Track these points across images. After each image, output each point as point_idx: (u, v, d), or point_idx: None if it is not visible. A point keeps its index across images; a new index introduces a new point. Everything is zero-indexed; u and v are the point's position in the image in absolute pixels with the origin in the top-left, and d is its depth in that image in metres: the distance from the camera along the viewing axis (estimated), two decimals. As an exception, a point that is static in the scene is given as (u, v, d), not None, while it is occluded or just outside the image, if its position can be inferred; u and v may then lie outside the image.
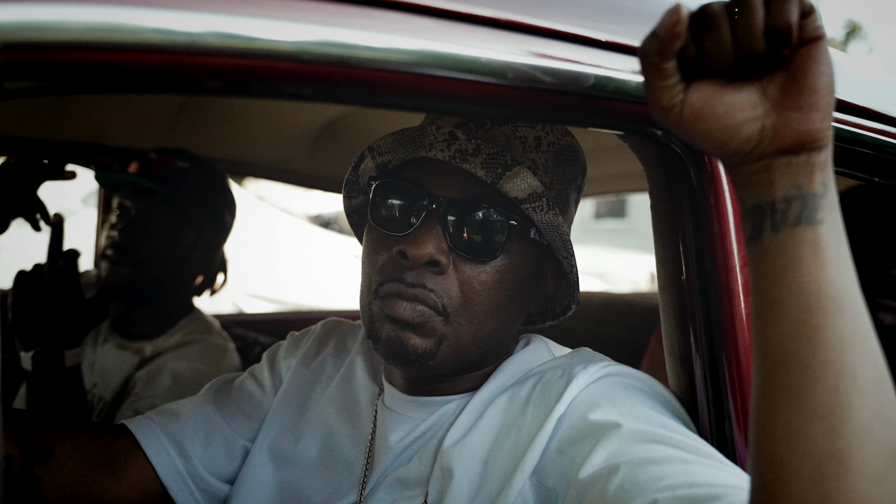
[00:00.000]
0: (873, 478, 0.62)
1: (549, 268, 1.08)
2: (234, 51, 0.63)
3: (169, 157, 1.90)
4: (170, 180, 1.87)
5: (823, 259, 0.67)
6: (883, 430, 0.64)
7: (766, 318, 0.69)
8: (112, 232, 1.85)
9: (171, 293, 1.94)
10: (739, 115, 0.70)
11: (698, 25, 0.69)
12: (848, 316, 0.66)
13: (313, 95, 0.71)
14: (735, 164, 0.72)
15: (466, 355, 1.01)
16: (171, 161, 1.89)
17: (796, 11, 0.66)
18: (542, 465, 0.92)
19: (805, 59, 0.68)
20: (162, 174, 1.87)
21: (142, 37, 0.59)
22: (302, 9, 0.67)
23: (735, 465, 0.83)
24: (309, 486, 1.11)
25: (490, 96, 0.79)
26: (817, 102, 0.68)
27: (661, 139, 0.91)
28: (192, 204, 1.91)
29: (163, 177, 1.87)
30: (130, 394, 1.79)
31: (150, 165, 1.88)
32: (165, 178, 1.87)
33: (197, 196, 1.93)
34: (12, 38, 0.54)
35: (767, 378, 0.68)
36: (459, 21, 0.75)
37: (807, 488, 0.63)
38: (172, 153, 1.92)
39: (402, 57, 0.72)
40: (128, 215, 1.86)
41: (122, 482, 1.12)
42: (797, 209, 0.68)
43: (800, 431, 0.64)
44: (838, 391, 0.64)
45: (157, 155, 1.90)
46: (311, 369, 1.22)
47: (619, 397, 0.93)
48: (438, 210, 0.98)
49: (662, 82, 0.70)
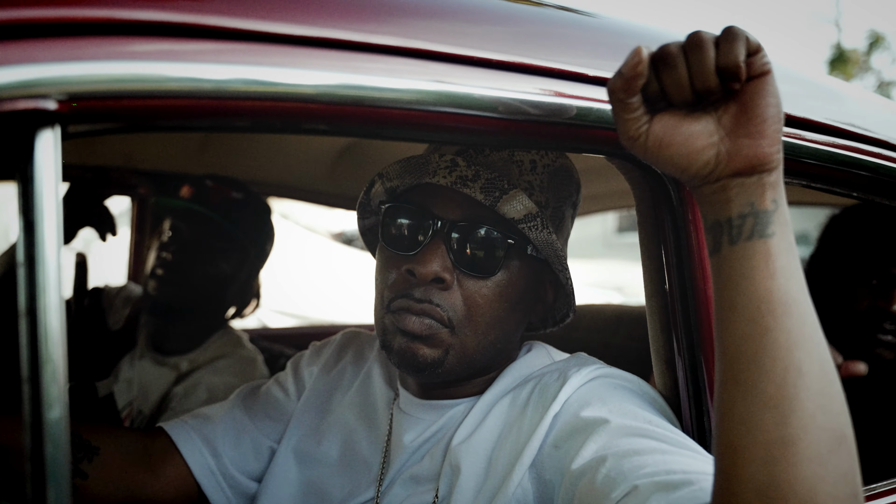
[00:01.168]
0: (817, 460, 0.71)
1: (548, 279, 1.17)
2: (259, 95, 0.73)
3: (224, 186, 2.03)
4: (223, 209, 1.99)
5: (774, 268, 0.76)
6: (826, 418, 0.72)
7: (723, 321, 0.78)
8: (164, 253, 1.96)
9: (209, 313, 2.06)
10: (697, 142, 0.79)
11: (658, 65, 0.79)
12: (795, 318, 0.75)
13: (328, 130, 0.81)
14: (696, 185, 0.82)
15: (472, 362, 1.10)
16: (226, 191, 2.02)
17: (743, 51, 0.75)
18: (539, 459, 1.01)
19: (753, 92, 0.77)
20: (216, 202, 1.99)
21: (178, 86, 0.70)
22: (319, 56, 0.78)
23: (711, 456, 0.92)
24: (330, 483, 1.20)
25: (484, 128, 0.89)
26: (766, 130, 0.77)
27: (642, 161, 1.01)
28: (240, 232, 2.04)
29: (217, 205, 1.99)
30: (168, 408, 1.90)
31: (206, 193, 2.00)
32: (219, 207, 1.99)
33: (246, 225, 2.05)
34: (75, 90, 0.65)
35: (725, 374, 0.77)
36: (455, 63, 0.86)
37: (758, 470, 0.72)
38: (227, 183, 2.05)
39: (405, 96, 0.82)
40: (181, 238, 1.97)
41: (160, 479, 1.22)
42: (751, 224, 0.77)
43: (752, 420, 0.73)
44: (786, 384, 0.73)
45: (212, 183, 2.02)
46: (332, 376, 1.32)
47: (609, 396, 1.02)
48: (442, 231, 1.07)
49: (628, 115, 0.80)
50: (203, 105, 0.72)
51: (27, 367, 0.63)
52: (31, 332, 0.63)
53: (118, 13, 0.68)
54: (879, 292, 1.71)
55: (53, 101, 0.64)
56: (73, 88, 0.65)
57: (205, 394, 1.89)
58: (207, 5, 0.73)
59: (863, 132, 1.27)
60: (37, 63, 0.63)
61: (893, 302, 1.69)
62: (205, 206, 1.97)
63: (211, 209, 1.97)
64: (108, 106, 0.67)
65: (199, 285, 1.98)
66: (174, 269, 1.94)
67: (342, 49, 0.79)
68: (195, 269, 1.96)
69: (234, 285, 2.07)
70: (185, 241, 1.97)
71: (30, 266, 0.64)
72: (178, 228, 1.98)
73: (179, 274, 1.95)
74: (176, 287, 1.95)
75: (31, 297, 0.63)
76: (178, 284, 1.95)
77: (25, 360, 0.63)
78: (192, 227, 1.98)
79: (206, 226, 1.98)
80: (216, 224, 1.98)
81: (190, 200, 1.98)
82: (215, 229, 1.99)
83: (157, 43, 0.70)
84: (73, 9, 0.66)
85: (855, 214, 1.72)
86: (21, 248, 0.64)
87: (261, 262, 2.15)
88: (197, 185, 2.01)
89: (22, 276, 0.64)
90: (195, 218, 1.98)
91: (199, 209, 1.97)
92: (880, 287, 1.72)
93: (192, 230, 1.97)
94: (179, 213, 2.00)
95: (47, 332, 0.63)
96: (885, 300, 1.70)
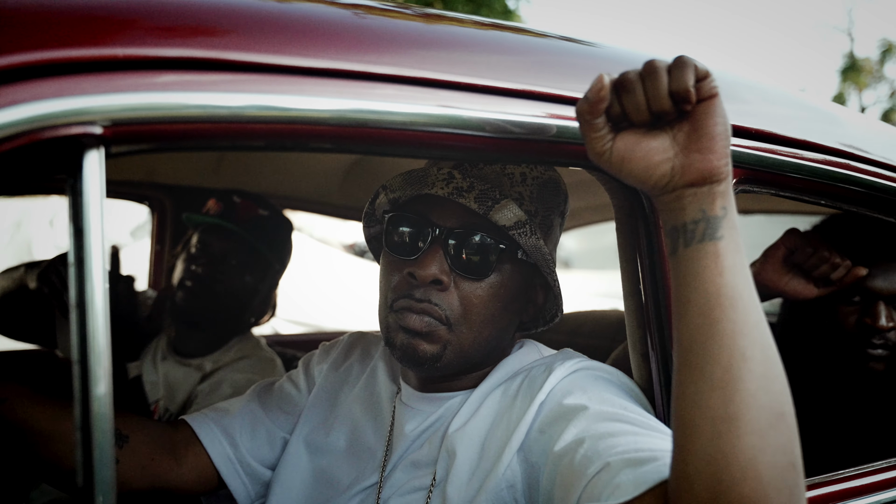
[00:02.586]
0: (758, 433, 0.81)
1: (539, 282, 1.28)
2: (271, 119, 0.85)
3: (252, 203, 2.15)
4: (251, 225, 2.12)
5: (722, 266, 0.86)
6: (767, 397, 0.82)
7: (678, 313, 0.88)
8: (194, 266, 2.08)
9: (231, 322, 2.19)
10: (655, 157, 0.90)
11: (619, 90, 0.89)
12: (740, 310, 0.85)
13: (332, 148, 0.93)
14: (655, 194, 0.92)
15: (468, 357, 1.20)
16: (253, 208, 2.14)
17: (692, 77, 0.86)
18: (526, 443, 1.11)
19: (703, 113, 0.87)
20: (245, 219, 2.11)
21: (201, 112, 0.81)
22: (322, 84, 0.89)
23: None
24: (338, 470, 1.31)
25: (474, 145, 1.00)
26: (714, 146, 0.87)
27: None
28: (265, 248, 2.16)
29: (245, 221, 2.12)
30: (194, 404, 2.02)
31: (235, 209, 2.12)
32: (247, 223, 2.12)
33: (270, 241, 2.19)
34: (117, 117, 0.77)
35: (679, 360, 0.87)
36: (446, 88, 0.97)
37: (707, 442, 0.82)
38: (254, 200, 2.17)
39: (402, 118, 0.93)
40: (210, 253, 2.10)
41: (183, 466, 1.32)
42: (702, 229, 0.88)
43: (701, 399, 0.83)
44: (731, 368, 0.83)
45: (240, 200, 2.14)
46: (340, 373, 1.43)
47: (589, 386, 1.12)
48: (440, 237, 1.18)
49: (594, 134, 0.91)
50: (222, 128, 0.83)
51: (77, 351, 0.74)
52: (81, 322, 0.74)
53: (150, 51, 0.80)
54: (863, 309, 1.76)
55: (99, 126, 0.75)
56: (115, 116, 0.76)
57: (229, 389, 2.01)
58: (225, 42, 0.85)
59: (855, 151, 1.38)
60: (85, 95, 0.75)
61: (878, 317, 1.73)
62: (234, 223, 2.09)
63: (240, 226, 2.10)
64: (143, 130, 0.79)
65: (225, 297, 2.11)
66: (203, 282, 2.07)
67: (343, 78, 0.90)
68: (223, 283, 2.09)
69: (256, 297, 2.20)
70: (214, 255, 2.09)
71: (79, 266, 0.75)
72: (208, 243, 2.10)
73: (208, 287, 2.07)
74: (204, 299, 2.08)
75: (80, 292, 0.75)
76: (206, 296, 2.08)
77: (76, 344, 0.74)
78: (221, 242, 2.10)
79: (235, 242, 2.11)
80: (244, 240, 2.11)
81: (220, 217, 2.10)
82: (243, 245, 2.11)
83: (183, 75, 0.81)
84: (114, 48, 0.78)
85: (829, 233, 1.77)
86: (71, 250, 0.75)
87: (281, 274, 2.28)
88: (226, 202, 2.13)
89: (72, 274, 0.75)
90: (224, 234, 2.10)
91: (229, 226, 2.09)
92: (863, 304, 1.77)
93: (220, 245, 2.10)
94: (209, 228, 2.12)
95: (94, 321, 0.74)
96: (871, 316, 1.74)
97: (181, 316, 2.10)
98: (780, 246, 1.63)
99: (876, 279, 1.74)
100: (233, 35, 0.86)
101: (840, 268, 1.58)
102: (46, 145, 0.73)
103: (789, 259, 1.62)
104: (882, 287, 1.75)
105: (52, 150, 0.74)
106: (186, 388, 2.08)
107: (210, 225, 2.12)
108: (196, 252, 2.11)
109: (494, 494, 1.10)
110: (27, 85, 0.72)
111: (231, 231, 2.10)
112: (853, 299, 1.78)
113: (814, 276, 1.61)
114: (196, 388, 2.07)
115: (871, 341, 1.75)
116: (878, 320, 1.73)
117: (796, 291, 1.63)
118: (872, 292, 1.76)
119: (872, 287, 1.75)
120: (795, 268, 1.62)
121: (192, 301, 2.08)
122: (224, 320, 2.15)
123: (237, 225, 2.10)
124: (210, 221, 2.12)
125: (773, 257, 1.63)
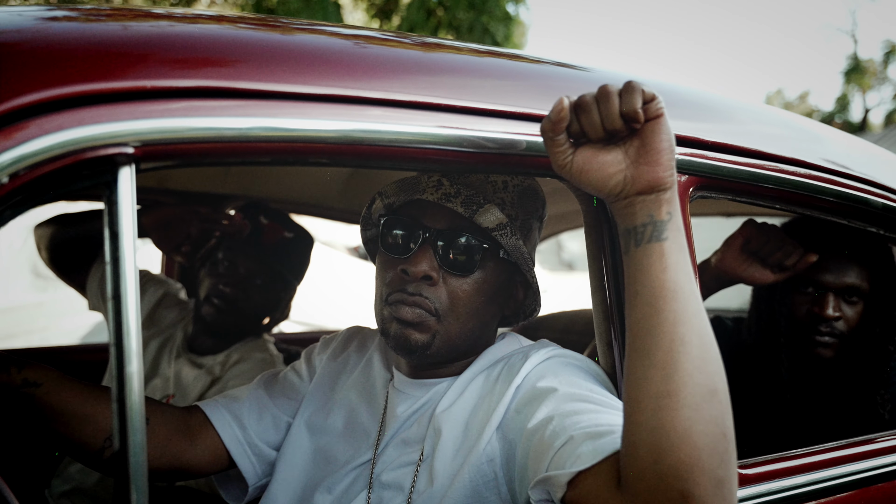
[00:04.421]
0: (694, 407, 0.93)
1: (519, 280, 1.41)
2: (274, 139, 0.99)
3: (278, 226, 2.28)
4: (276, 248, 2.26)
5: (666, 264, 0.99)
6: (702, 376, 0.95)
7: (629, 304, 1.02)
8: (222, 285, 2.23)
9: (248, 328, 2.35)
10: (609, 169, 1.03)
11: (577, 110, 1.03)
12: (680, 301, 0.98)
13: (329, 163, 1.06)
14: (611, 201, 1.06)
15: (454, 346, 1.33)
16: (279, 231, 2.28)
17: (640, 100, 0.99)
18: (504, 422, 1.24)
19: (650, 131, 1.01)
20: (272, 242, 2.26)
21: (214, 133, 0.95)
22: (319, 107, 1.03)
23: None
24: (336, 448, 1.43)
25: (454, 159, 1.13)
26: (661, 159, 1.01)
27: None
28: (288, 268, 2.32)
29: (273, 245, 2.26)
30: None
31: (262, 232, 2.26)
32: (274, 246, 2.26)
33: (294, 261, 2.34)
34: (146, 138, 0.91)
35: (629, 345, 1.00)
36: (427, 110, 1.10)
37: (649, 416, 0.94)
38: (280, 221, 2.30)
39: (390, 137, 1.07)
40: (237, 273, 2.24)
41: (197, 447, 1.44)
42: (650, 231, 1.01)
43: (644, 378, 0.96)
44: (671, 351, 0.96)
45: (267, 221, 2.27)
46: (338, 362, 1.56)
47: (560, 371, 1.25)
48: (430, 238, 1.31)
49: (556, 149, 1.04)
50: (232, 147, 0.97)
51: (113, 335, 0.88)
52: (116, 311, 0.88)
53: (172, 83, 0.94)
54: (814, 300, 1.91)
55: (131, 147, 0.89)
56: (144, 138, 0.90)
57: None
58: (233, 72, 0.99)
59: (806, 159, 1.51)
60: (119, 121, 0.88)
61: (826, 307, 1.88)
62: (261, 246, 2.24)
63: (267, 249, 2.24)
64: (168, 149, 0.93)
65: (249, 312, 2.28)
66: (230, 301, 2.23)
67: (338, 102, 1.04)
68: (247, 300, 2.25)
69: (276, 310, 2.38)
70: (241, 276, 2.24)
71: (114, 263, 0.89)
72: (236, 264, 2.24)
73: (235, 304, 2.24)
74: (230, 315, 2.24)
75: (115, 285, 0.89)
76: (233, 313, 2.24)
77: (112, 329, 0.88)
78: (248, 263, 2.24)
79: (261, 263, 2.25)
80: (270, 262, 2.26)
81: (247, 240, 2.24)
82: (268, 267, 2.26)
83: (198, 101, 0.95)
84: (142, 80, 0.92)
85: (787, 232, 1.88)
86: (108, 251, 0.89)
87: (297, 286, 2.44)
88: (253, 221, 2.26)
89: (108, 270, 0.89)
90: (251, 256, 2.25)
91: (256, 250, 2.24)
92: (815, 295, 1.92)
93: (247, 266, 2.24)
94: (235, 246, 2.26)
95: (127, 310, 0.88)
96: (820, 306, 1.89)
97: (207, 327, 2.27)
98: (738, 235, 1.78)
99: (827, 273, 1.90)
100: (240, 65, 1.00)
101: (793, 254, 1.73)
102: (88, 163, 0.87)
103: (747, 247, 1.76)
104: (831, 281, 1.90)
105: (92, 167, 0.88)
106: (196, 392, 2.22)
107: (237, 243, 2.26)
108: (224, 271, 2.24)
109: (476, 467, 1.23)
110: (72, 113, 0.86)
111: (258, 254, 2.24)
112: (806, 290, 1.93)
113: (769, 262, 1.76)
114: (206, 392, 2.21)
115: (819, 328, 1.90)
116: (825, 310, 1.89)
117: (754, 277, 1.78)
118: (823, 285, 1.91)
119: (824, 280, 1.90)
120: (753, 255, 1.76)
121: (218, 317, 2.24)
122: (242, 328, 2.32)
123: (265, 248, 2.24)
124: (238, 244, 2.26)
125: (732, 246, 1.79)
